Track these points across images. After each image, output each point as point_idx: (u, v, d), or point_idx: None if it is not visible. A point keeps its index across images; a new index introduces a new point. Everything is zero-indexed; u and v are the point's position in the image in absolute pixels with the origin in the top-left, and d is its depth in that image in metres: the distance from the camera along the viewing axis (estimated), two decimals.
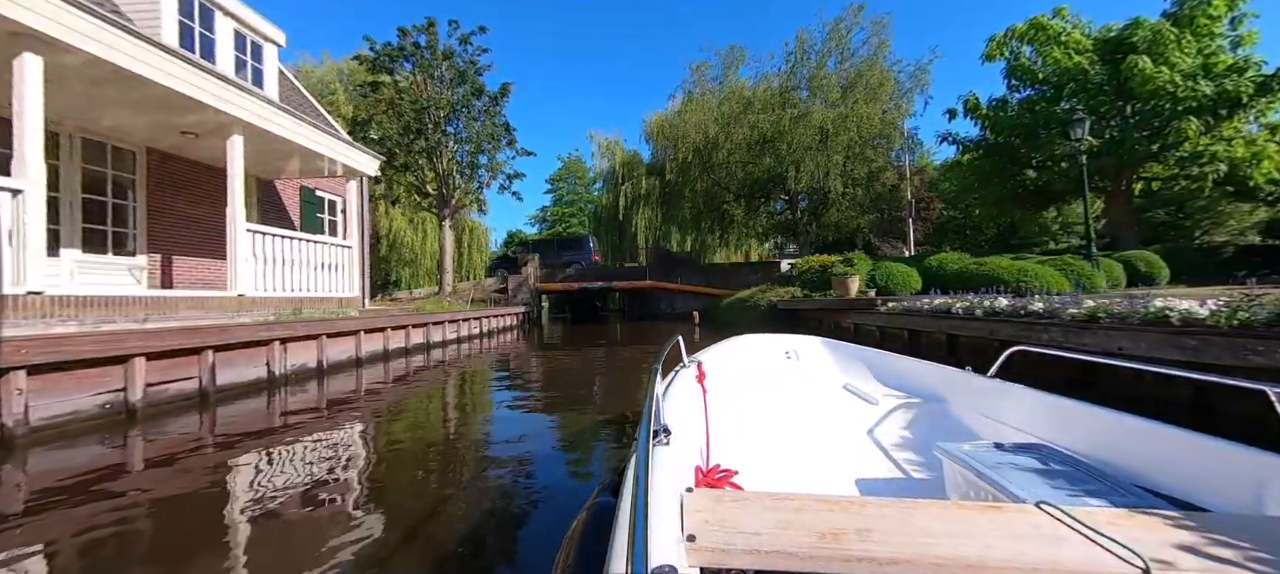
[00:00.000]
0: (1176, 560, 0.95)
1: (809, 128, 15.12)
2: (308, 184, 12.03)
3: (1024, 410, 2.17)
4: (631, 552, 0.76)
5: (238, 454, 3.62)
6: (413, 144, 17.60)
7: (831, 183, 15.21)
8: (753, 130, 15.84)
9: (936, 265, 12.31)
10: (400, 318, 9.21)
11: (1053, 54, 12.53)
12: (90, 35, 5.15)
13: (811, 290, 11.67)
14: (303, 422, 4.51)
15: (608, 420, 4.46)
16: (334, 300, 9.19)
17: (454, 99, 17.98)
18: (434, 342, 10.22)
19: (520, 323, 17.92)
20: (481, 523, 2.51)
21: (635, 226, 32.25)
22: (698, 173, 17.86)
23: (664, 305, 25.49)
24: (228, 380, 5.27)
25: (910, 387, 2.96)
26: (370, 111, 17.51)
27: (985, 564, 0.92)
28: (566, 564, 1.28)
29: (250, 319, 6.79)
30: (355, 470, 3.35)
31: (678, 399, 2.01)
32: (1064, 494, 1.38)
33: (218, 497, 2.90)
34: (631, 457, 1.31)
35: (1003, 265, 8.96)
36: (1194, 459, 1.49)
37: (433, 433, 4.48)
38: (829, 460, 2.22)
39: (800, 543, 0.96)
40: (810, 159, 15.17)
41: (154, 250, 8.31)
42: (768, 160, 16.12)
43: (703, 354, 2.98)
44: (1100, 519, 1.06)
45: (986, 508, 1.15)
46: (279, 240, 7.84)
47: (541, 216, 54.30)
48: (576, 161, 50.08)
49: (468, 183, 19.36)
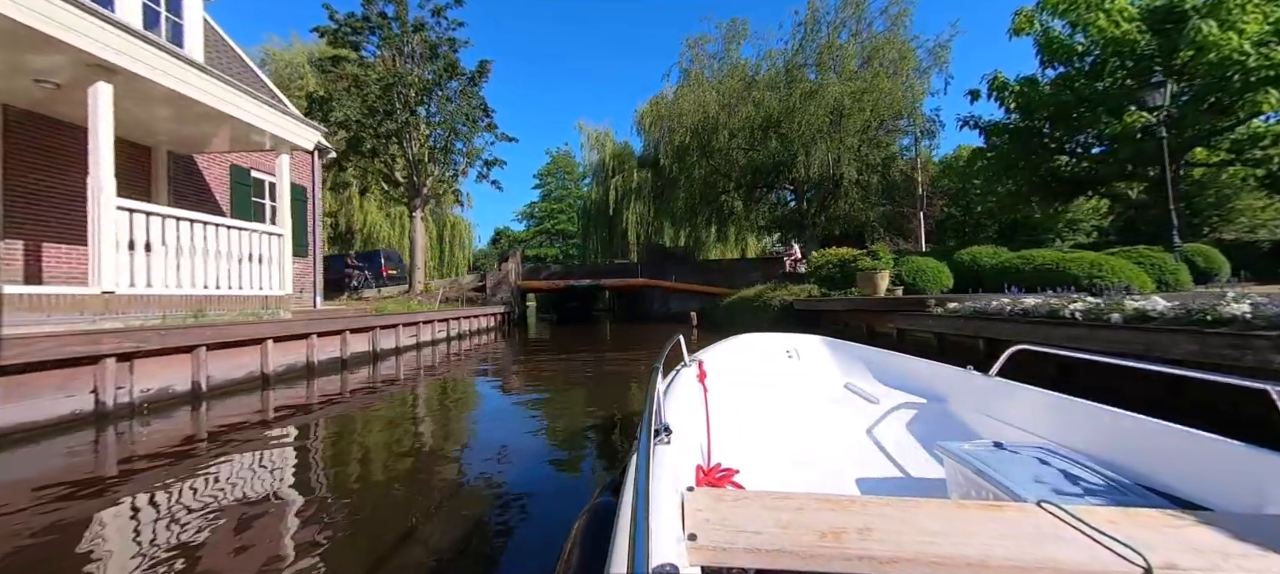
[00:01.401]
0: (1178, 560, 0.94)
1: (821, 106, 13.51)
2: (242, 163, 10.23)
3: (1025, 409, 2.14)
4: (633, 551, 0.77)
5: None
6: (380, 126, 15.76)
7: (844, 169, 13.62)
8: (757, 109, 14.20)
9: (970, 260, 10.84)
10: (337, 321, 7.49)
11: (1098, 21, 11.12)
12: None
13: (829, 288, 10.14)
14: (103, 482, 2.82)
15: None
16: (257, 299, 7.44)
17: (425, 77, 16.18)
18: (383, 349, 8.51)
19: (499, 324, 16.18)
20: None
21: (626, 222, 30.68)
22: (695, 159, 16.14)
23: (657, 305, 23.83)
24: (14, 420, 3.54)
25: (911, 386, 2.92)
26: (329, 89, 15.63)
27: (986, 564, 0.92)
28: (568, 564, 1.28)
29: (119, 324, 5.05)
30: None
31: (679, 398, 1.99)
32: (1065, 493, 1.38)
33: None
34: (632, 456, 1.30)
35: (1067, 259, 7.45)
36: (1196, 458, 1.47)
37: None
38: (830, 460, 2.20)
39: (801, 542, 0.95)
40: (822, 143, 13.58)
41: (12, 236, 6.51)
42: (773, 144, 14.48)
43: (704, 353, 2.97)
44: (1102, 519, 1.05)
45: (988, 507, 1.14)
46: (174, 224, 6.09)
47: (529, 213, 52.77)
48: (565, 156, 48.60)
49: (442, 170, 17.54)
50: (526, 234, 51.86)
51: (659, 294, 23.71)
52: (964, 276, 10.69)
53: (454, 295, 17.50)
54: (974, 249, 11.22)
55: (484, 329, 14.45)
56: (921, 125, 14.79)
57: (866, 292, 8.98)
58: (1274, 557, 0.95)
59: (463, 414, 5.19)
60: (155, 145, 8.38)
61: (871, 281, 8.83)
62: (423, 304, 14.24)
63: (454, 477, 3.13)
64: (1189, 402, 3.12)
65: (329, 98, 15.56)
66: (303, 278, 11.70)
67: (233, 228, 6.97)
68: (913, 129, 14.69)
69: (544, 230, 50.32)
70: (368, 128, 15.72)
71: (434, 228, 31.71)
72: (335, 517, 2.51)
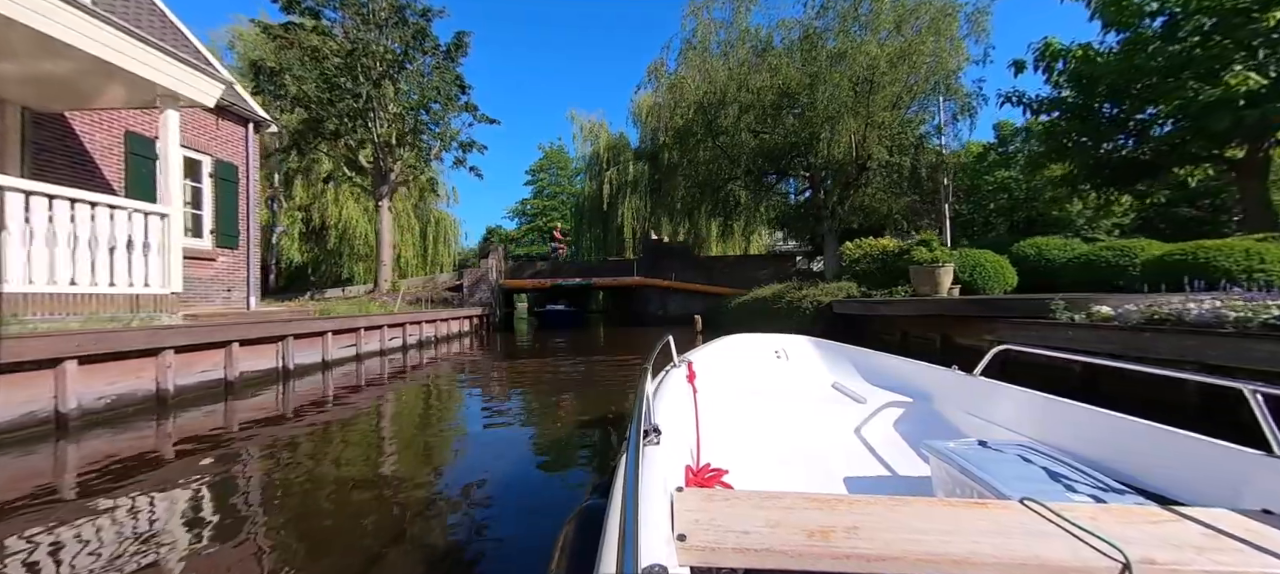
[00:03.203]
0: (1156, 555, 0.96)
1: (851, 72, 11.53)
2: (144, 130, 8.26)
3: (1010, 408, 2.15)
4: (622, 551, 0.76)
5: None
6: (340, 104, 13.79)
7: (873, 150, 11.71)
8: (774, 77, 12.24)
9: (1034, 254, 9.03)
10: (226, 331, 5.56)
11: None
12: None
13: (870, 286, 8.30)
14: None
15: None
16: (125, 299, 5.52)
17: (391, 48, 14.22)
18: (305, 365, 6.58)
19: (475, 329, 14.24)
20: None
21: (622, 218, 28.80)
22: (700, 138, 14.10)
23: (654, 306, 21.90)
24: None
25: (898, 385, 2.92)
26: (280, 59, 13.64)
27: (971, 560, 0.93)
28: (558, 566, 1.31)
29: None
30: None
31: (668, 399, 1.95)
32: (1048, 490, 1.40)
33: None
34: (622, 457, 1.27)
35: (1211, 248, 5.54)
36: (1173, 455, 1.51)
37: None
38: (818, 459, 2.20)
39: (790, 541, 0.96)
40: (848, 118, 11.63)
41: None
42: (790, 121, 12.53)
43: (693, 354, 2.99)
44: (1083, 515, 1.07)
45: (972, 505, 1.15)
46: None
47: (521, 210, 51.00)
48: (558, 151, 47.00)
49: (414, 154, 15.56)
50: (518, 232, 50.10)
51: (656, 294, 21.79)
52: (1027, 274, 8.87)
53: (426, 295, 15.53)
54: (1037, 241, 9.40)
55: (454, 335, 12.50)
56: (961, 100, 12.88)
57: (923, 291, 7.13)
58: (1248, 551, 0.99)
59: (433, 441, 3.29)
60: (4, 99, 6.42)
61: (932, 279, 6.97)
62: (387, 306, 12.30)
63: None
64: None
65: (280, 69, 13.56)
66: (232, 275, 9.75)
67: (77, 200, 5.04)
68: (949, 104, 12.69)
69: (537, 228, 48.62)
70: (328, 106, 13.75)
71: (417, 224, 29.78)
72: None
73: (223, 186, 9.63)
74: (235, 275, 9.82)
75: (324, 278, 27.09)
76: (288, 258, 25.76)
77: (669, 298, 21.31)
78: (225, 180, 9.69)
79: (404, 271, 27.55)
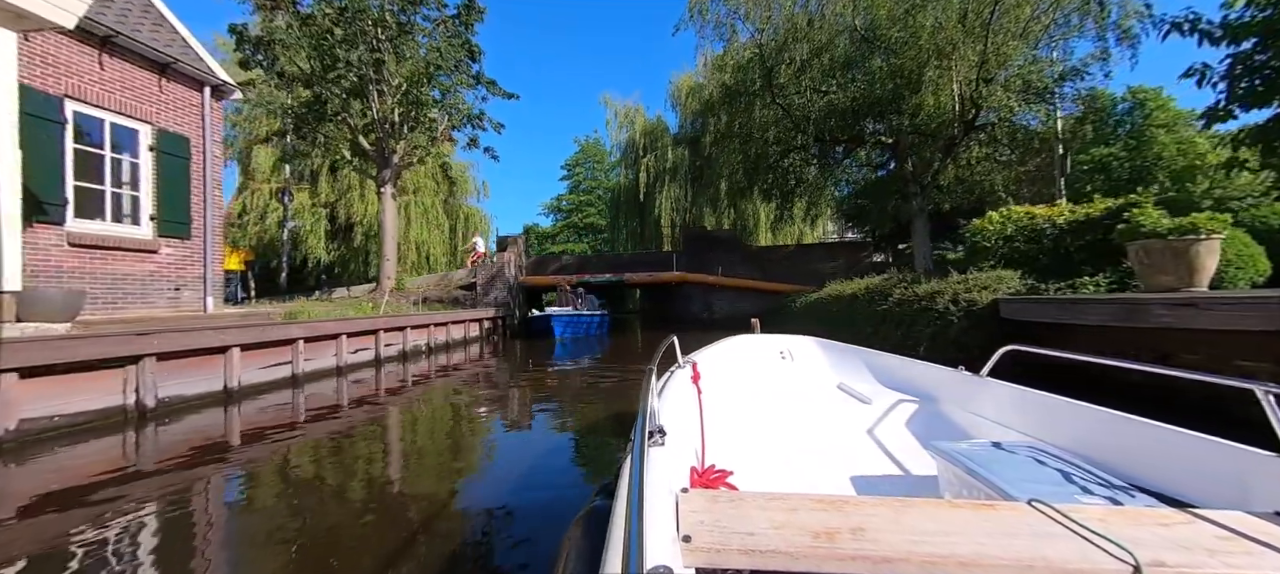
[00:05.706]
0: (1166, 557, 0.93)
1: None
2: (45, 86, 6.46)
3: (1017, 409, 2.12)
4: (627, 552, 0.76)
5: None
6: (339, 78, 11.98)
7: (994, 96, 8.58)
8: (855, 6, 9.22)
9: None
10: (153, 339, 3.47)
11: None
12: None
13: (1037, 277, 5.48)
14: None
15: None
16: None
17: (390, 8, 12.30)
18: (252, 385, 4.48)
19: (488, 333, 12.11)
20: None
21: (659, 208, 26.36)
22: (756, 93, 11.04)
23: (698, 307, 19.22)
24: None
25: (904, 386, 2.86)
26: (268, 29, 11.95)
27: (978, 562, 0.92)
28: (563, 568, 1.27)
29: None
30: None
31: (673, 400, 1.93)
32: (1056, 492, 1.37)
33: None
34: (626, 458, 1.27)
35: None
36: (1183, 456, 1.47)
37: None
38: (824, 460, 2.17)
39: (795, 542, 0.96)
40: (964, 50, 8.56)
41: None
42: (877, 65, 9.52)
43: (698, 354, 2.86)
44: (1091, 517, 1.05)
45: (979, 506, 1.13)
46: None
47: (556, 206, 49.50)
48: (594, 145, 45.20)
49: (424, 135, 13.63)
50: (553, 228, 48.66)
51: (699, 292, 19.12)
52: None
53: (436, 295, 13.57)
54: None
55: (461, 340, 10.39)
56: (1123, 25, 9.32)
57: (1160, 280, 4.30)
58: (1260, 553, 0.96)
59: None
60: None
61: (1182, 261, 4.11)
62: (393, 307, 10.36)
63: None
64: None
65: (270, 39, 11.89)
66: (182, 271, 7.95)
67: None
68: (1102, 24, 9.18)
69: (571, 224, 47.04)
70: (328, 84, 11.97)
71: (446, 221, 28.43)
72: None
73: (168, 162, 7.82)
74: (185, 271, 8.01)
75: (352, 276, 25.99)
76: (314, 256, 24.84)
77: (714, 296, 18.63)
78: (172, 155, 7.87)
79: (433, 269, 26.16)
